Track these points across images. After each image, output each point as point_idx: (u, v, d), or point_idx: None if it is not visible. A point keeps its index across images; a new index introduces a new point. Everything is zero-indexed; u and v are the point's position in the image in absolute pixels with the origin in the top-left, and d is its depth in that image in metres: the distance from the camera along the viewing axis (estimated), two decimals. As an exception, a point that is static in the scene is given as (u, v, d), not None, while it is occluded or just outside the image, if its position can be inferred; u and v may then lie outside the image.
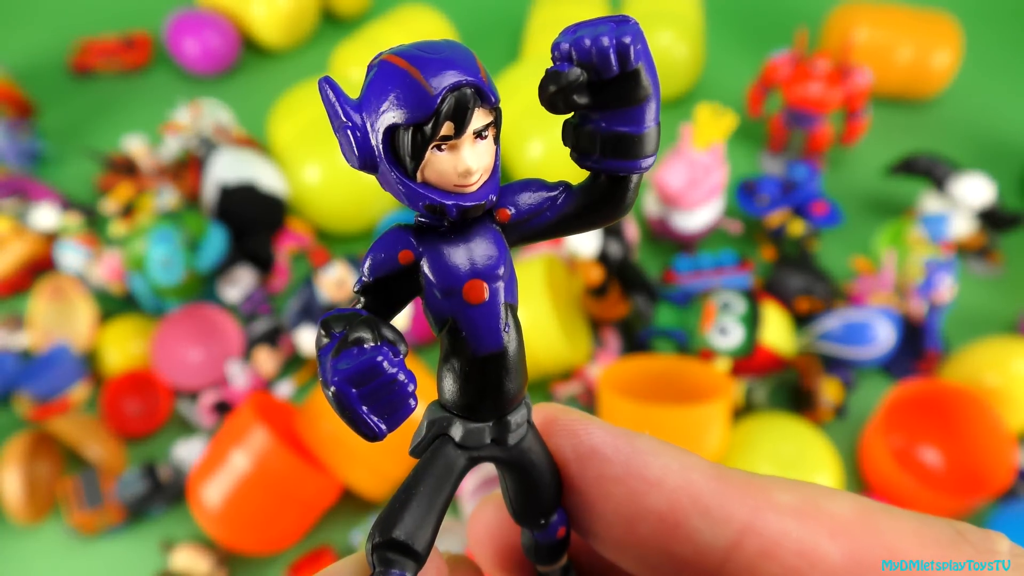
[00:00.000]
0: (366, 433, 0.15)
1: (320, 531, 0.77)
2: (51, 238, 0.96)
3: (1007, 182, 1.05)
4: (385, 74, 0.16)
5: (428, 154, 0.16)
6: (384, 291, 0.17)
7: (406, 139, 0.16)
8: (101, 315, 0.90)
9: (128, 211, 0.99)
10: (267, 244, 0.92)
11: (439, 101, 0.16)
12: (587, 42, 0.16)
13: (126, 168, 1.04)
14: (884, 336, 0.81)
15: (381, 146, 0.16)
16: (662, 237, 0.96)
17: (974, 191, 0.89)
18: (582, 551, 0.20)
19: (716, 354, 0.80)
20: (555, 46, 0.16)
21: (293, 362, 0.89)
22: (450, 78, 0.16)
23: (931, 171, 0.92)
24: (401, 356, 0.16)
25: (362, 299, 0.17)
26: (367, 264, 0.17)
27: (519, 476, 0.19)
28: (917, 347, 0.85)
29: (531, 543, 0.20)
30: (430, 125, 0.16)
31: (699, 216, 0.89)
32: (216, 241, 0.88)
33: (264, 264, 0.91)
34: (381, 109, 0.16)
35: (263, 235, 0.92)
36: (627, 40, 0.16)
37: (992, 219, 0.91)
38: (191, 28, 1.16)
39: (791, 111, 0.99)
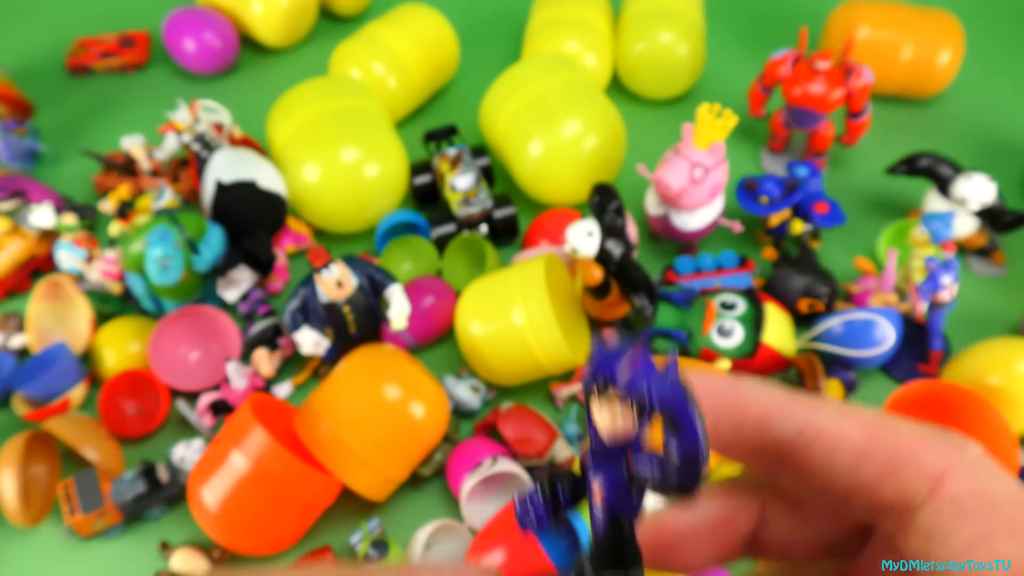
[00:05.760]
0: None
1: (320, 532, 0.76)
2: (49, 238, 0.95)
3: (1009, 181, 1.04)
4: None
5: None
6: None
7: None
8: (99, 315, 0.90)
9: (126, 211, 0.99)
10: (267, 244, 0.91)
11: None
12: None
13: (124, 168, 1.03)
14: (886, 337, 0.80)
15: None
16: (662, 237, 0.95)
17: (976, 190, 0.88)
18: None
19: (717, 355, 0.79)
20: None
21: (292, 362, 0.89)
22: None
23: (933, 170, 0.91)
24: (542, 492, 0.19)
25: None
26: None
27: None
28: (919, 348, 0.85)
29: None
30: None
31: (700, 216, 0.89)
32: (215, 241, 0.87)
33: (264, 265, 0.90)
34: None
35: (263, 235, 0.92)
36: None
37: (995, 219, 0.91)
38: (189, 27, 1.16)
39: (792, 110, 0.99)
